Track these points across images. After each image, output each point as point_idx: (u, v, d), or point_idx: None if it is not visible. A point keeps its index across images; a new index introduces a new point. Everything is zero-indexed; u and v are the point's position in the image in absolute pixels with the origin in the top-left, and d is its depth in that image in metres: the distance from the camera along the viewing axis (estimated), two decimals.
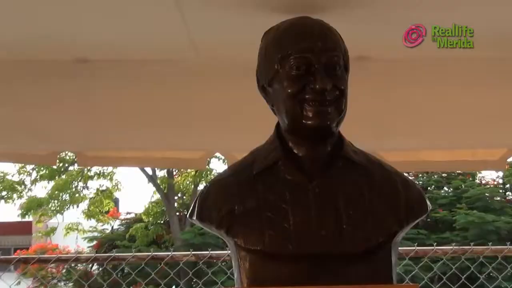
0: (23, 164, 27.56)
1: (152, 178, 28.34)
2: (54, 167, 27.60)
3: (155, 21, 3.89)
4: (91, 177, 29.75)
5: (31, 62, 4.36)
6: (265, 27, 3.05)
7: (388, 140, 4.59)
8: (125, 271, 19.02)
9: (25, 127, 4.62)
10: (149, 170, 27.98)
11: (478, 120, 4.62)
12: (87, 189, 30.06)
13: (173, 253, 7.37)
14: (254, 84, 3.06)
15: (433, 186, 27.99)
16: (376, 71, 4.23)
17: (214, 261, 7.63)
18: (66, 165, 28.10)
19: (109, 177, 30.10)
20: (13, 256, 10.67)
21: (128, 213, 31.14)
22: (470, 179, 28.28)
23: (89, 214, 29.99)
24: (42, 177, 29.53)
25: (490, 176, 29.13)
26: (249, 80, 3.09)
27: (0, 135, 4.72)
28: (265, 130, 3.06)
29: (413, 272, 8.36)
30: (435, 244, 8.07)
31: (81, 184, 29.85)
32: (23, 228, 38.88)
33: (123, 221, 30.33)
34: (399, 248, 3.13)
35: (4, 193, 29.81)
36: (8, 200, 30.05)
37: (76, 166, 27.92)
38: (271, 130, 3.04)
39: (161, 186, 28.46)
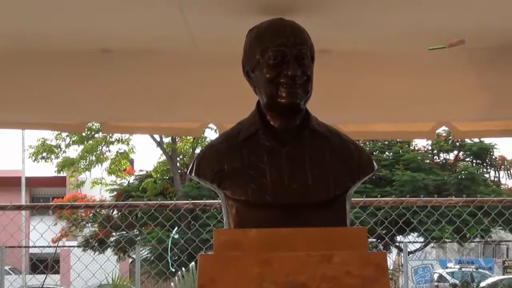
0: (59, 132, 27.51)
1: (159, 143, 28.33)
2: (83, 134, 27.64)
3: (163, 20, 3.88)
4: (112, 142, 29.82)
5: (67, 52, 4.34)
6: (249, 25, 3.06)
7: (344, 115, 4.59)
8: (138, 215, 19.02)
9: (61, 102, 4.61)
10: (157, 137, 27.96)
11: (414, 100, 4.63)
12: (109, 151, 30.16)
13: (176, 202, 7.36)
14: (240, 70, 3.07)
15: (377, 151, 28.11)
16: (336, 61, 4.23)
17: (208, 208, 7.63)
18: (93, 132, 28.07)
19: (126, 142, 30.19)
20: (51, 203, 10.64)
21: (141, 170, 31.13)
22: (406, 146, 28.42)
23: (110, 171, 30.09)
24: (74, 142, 29.61)
25: (421, 143, 29.26)
26: (236, 67, 3.09)
27: (42, 109, 4.70)
28: (248, 106, 3.06)
29: (362, 218, 8.41)
30: (379, 196, 8.10)
31: (104, 147, 29.91)
32: (59, 182, 38.83)
33: (137, 177, 30.32)
34: (352, 199, 3.14)
35: (44, 154, 29.88)
36: (47, 160, 30.19)
37: (100, 134, 27.93)
38: (253, 106, 3.05)
39: (166, 150, 28.47)
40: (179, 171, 28.34)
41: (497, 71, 4.43)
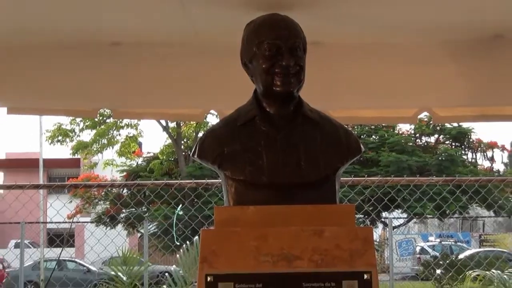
0: (73, 117, 27.52)
1: (165, 128, 28.35)
2: (96, 119, 27.66)
3: (168, 15, 3.88)
4: (122, 127, 29.82)
5: (80, 45, 4.34)
6: (247, 19, 3.06)
7: (334, 101, 4.59)
8: (146, 194, 19.01)
9: (76, 91, 4.61)
10: (163, 122, 27.97)
11: (398, 88, 4.62)
12: (119, 135, 30.20)
13: (180, 181, 7.39)
14: (239, 61, 3.07)
15: (365, 134, 28.17)
16: (327, 52, 4.23)
17: (210, 187, 7.64)
18: (104, 118, 28.08)
19: (135, 127, 30.20)
20: (67, 183, 10.65)
21: (148, 152, 31.23)
22: (391, 130, 28.47)
23: (120, 153, 30.15)
24: (87, 127, 29.66)
25: (405, 128, 29.33)
26: (235, 58, 3.09)
27: (58, 96, 4.70)
28: (246, 94, 3.06)
29: (350, 196, 8.40)
30: (366, 176, 8.11)
31: (115, 132, 29.92)
32: (74, 163, 38.91)
33: (145, 159, 30.41)
34: (341, 178, 3.14)
35: (60, 137, 29.92)
36: (63, 143, 30.23)
37: (111, 119, 27.94)
38: (250, 94, 3.05)
39: (172, 134, 28.51)
40: (183, 153, 28.39)
41: (474, 62, 4.43)
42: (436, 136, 29.93)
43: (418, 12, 3.90)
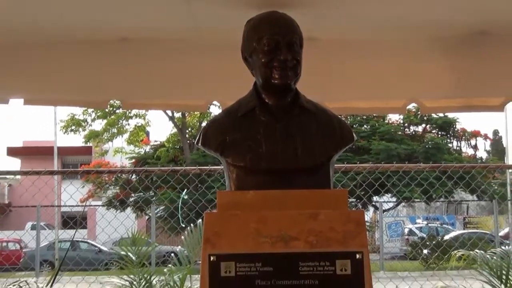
0: (86, 108, 27.51)
1: (171, 118, 28.35)
2: (106, 110, 27.68)
3: (173, 12, 3.87)
4: (131, 117, 29.82)
5: (92, 41, 4.34)
6: (247, 17, 3.06)
7: (329, 93, 4.58)
8: (153, 179, 19.01)
9: (88, 83, 4.61)
10: (169, 112, 27.97)
11: (388, 81, 4.62)
12: (128, 125, 30.20)
13: (185, 167, 7.37)
14: (239, 55, 3.07)
15: (357, 124, 28.18)
16: (322, 47, 4.22)
17: (212, 173, 7.63)
18: (114, 109, 28.06)
19: (143, 117, 30.21)
20: (79, 169, 10.64)
21: (155, 141, 31.23)
22: (382, 120, 28.49)
23: (129, 142, 30.19)
24: (98, 117, 29.69)
25: (394, 118, 29.34)
26: (236, 53, 3.09)
27: (72, 89, 4.69)
28: (246, 86, 3.06)
29: (343, 181, 8.39)
30: (358, 162, 8.10)
31: (124, 121, 29.93)
32: (86, 151, 38.93)
33: (152, 146, 30.44)
34: (335, 165, 3.14)
35: (73, 127, 29.95)
36: (76, 132, 30.26)
37: (121, 110, 27.93)
38: (250, 86, 3.05)
39: (177, 123, 28.49)
40: (188, 141, 28.43)
41: (459, 56, 4.43)
42: (424, 125, 29.95)
43: (408, 10, 3.89)
